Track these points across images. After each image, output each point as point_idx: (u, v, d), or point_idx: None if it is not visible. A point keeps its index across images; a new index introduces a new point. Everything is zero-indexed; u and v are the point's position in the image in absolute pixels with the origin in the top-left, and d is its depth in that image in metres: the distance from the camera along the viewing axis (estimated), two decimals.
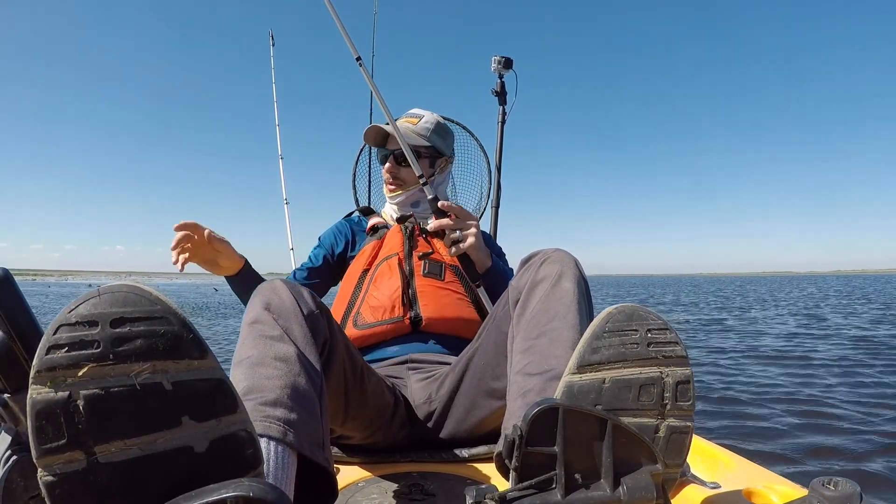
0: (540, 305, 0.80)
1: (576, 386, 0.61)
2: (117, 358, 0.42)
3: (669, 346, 0.62)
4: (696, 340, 6.22)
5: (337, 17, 1.25)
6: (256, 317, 0.76)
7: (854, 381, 3.66)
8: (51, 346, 0.41)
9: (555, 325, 0.77)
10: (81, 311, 0.42)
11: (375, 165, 1.79)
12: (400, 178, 1.34)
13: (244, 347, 0.73)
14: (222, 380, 0.46)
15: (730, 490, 0.83)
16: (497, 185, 1.88)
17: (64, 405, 0.41)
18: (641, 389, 0.60)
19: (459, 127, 1.77)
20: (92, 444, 0.41)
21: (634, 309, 0.63)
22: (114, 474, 0.42)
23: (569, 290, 0.80)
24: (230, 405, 0.46)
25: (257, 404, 0.63)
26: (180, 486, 0.43)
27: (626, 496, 0.58)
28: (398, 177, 1.34)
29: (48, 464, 0.41)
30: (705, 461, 1.00)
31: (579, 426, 0.59)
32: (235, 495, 0.41)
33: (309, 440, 0.64)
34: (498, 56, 1.98)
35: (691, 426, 0.62)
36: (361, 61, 1.27)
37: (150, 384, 0.43)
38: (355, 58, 1.27)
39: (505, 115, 2.00)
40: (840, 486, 0.59)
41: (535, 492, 0.58)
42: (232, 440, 0.46)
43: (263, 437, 0.59)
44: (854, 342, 5.73)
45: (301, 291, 0.82)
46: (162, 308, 0.44)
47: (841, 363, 4.37)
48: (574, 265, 0.84)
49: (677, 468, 0.62)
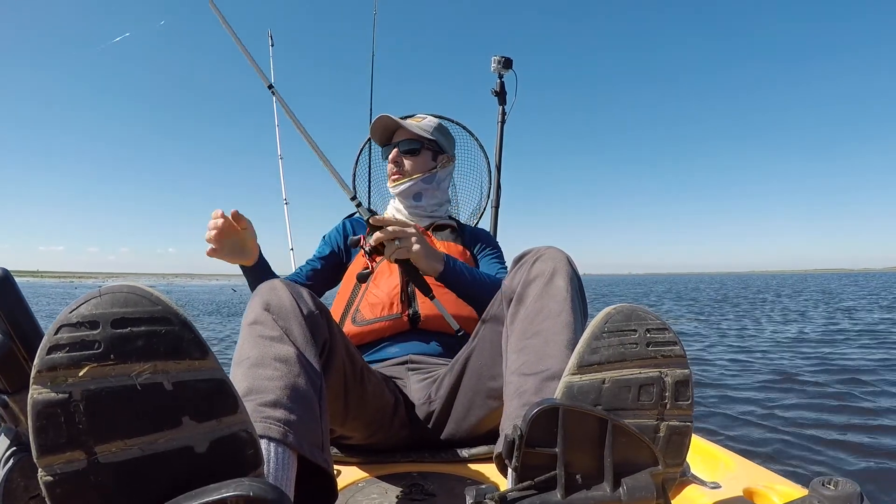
0: (534, 304, 0.80)
1: (576, 386, 0.61)
2: (118, 358, 0.42)
3: (668, 346, 0.62)
4: (695, 340, 6.22)
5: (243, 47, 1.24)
6: (256, 317, 0.76)
7: (854, 381, 3.66)
8: (52, 346, 0.41)
9: (549, 324, 0.77)
10: (83, 311, 0.43)
11: (376, 164, 1.79)
12: (405, 168, 1.38)
13: (244, 348, 0.73)
14: (223, 380, 0.46)
15: (730, 490, 0.83)
16: (497, 184, 1.88)
17: (65, 405, 0.41)
18: (641, 389, 0.60)
19: (459, 127, 1.78)
20: (92, 444, 0.41)
21: (633, 309, 0.63)
22: (114, 474, 0.42)
23: (562, 287, 0.80)
24: (231, 406, 0.46)
25: (257, 405, 0.63)
26: (180, 487, 0.43)
27: (626, 496, 0.58)
28: (402, 166, 1.38)
29: (49, 464, 0.41)
30: (705, 461, 1.00)
31: (579, 426, 0.59)
32: (236, 495, 0.41)
33: (309, 441, 0.64)
34: (498, 56, 1.98)
35: (691, 426, 0.62)
36: (274, 89, 1.26)
37: (151, 384, 0.43)
38: (267, 86, 1.26)
39: (505, 114, 2.01)
40: (840, 485, 0.59)
41: (535, 492, 0.58)
42: (232, 441, 0.46)
43: (263, 437, 0.60)
44: (854, 342, 5.73)
45: (301, 292, 0.82)
46: (163, 308, 0.44)
47: (840, 363, 4.37)
48: (567, 262, 0.84)
49: (677, 468, 0.62)
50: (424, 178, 1.38)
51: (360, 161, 1.80)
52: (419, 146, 1.37)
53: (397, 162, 1.38)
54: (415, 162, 1.37)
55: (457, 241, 1.37)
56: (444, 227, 1.40)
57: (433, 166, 1.40)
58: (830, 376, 3.83)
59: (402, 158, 1.38)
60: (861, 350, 5.13)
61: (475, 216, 1.81)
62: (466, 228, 1.46)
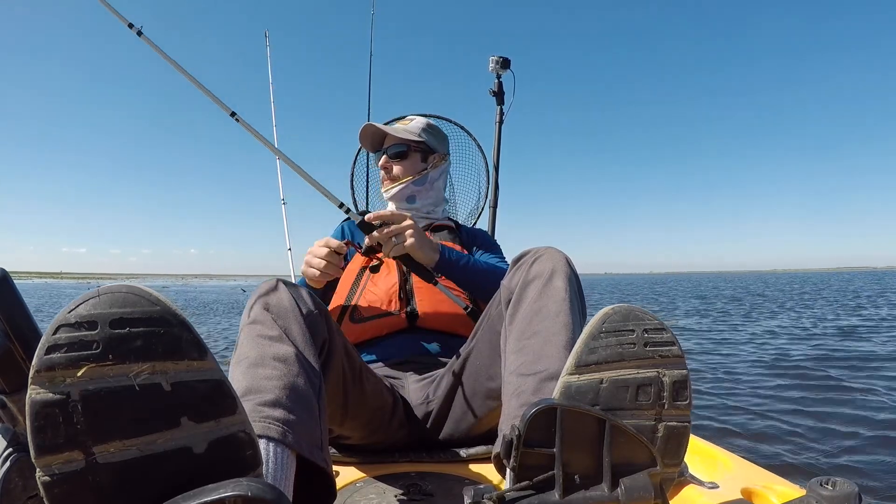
0: (532, 305, 0.81)
1: (573, 386, 0.61)
2: (116, 358, 0.42)
3: (666, 346, 0.62)
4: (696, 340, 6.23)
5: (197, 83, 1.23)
6: (255, 317, 0.76)
7: (853, 380, 3.67)
8: (50, 347, 0.41)
9: (547, 325, 0.77)
10: (81, 311, 0.42)
11: (373, 169, 1.80)
12: (393, 173, 1.40)
13: (243, 347, 0.73)
14: (221, 381, 0.46)
15: (728, 490, 0.83)
16: (495, 184, 1.88)
17: (63, 405, 0.41)
18: (639, 389, 0.60)
19: (457, 127, 1.78)
20: (90, 445, 0.41)
21: (631, 309, 0.63)
22: (112, 474, 0.42)
23: (561, 288, 0.80)
24: (229, 406, 0.46)
25: (256, 405, 0.63)
26: (179, 487, 0.43)
27: (624, 496, 0.58)
28: (391, 172, 1.40)
29: (47, 464, 0.41)
30: (703, 461, 1.00)
31: (577, 426, 0.59)
32: (234, 495, 0.41)
33: (308, 441, 0.64)
34: (496, 56, 1.98)
35: (689, 426, 0.62)
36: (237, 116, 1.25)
37: (149, 385, 0.43)
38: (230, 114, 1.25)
39: (503, 114, 2.00)
40: (838, 485, 0.59)
41: (533, 492, 0.58)
42: (231, 441, 0.46)
43: (262, 437, 0.60)
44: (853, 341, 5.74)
45: (300, 292, 0.82)
46: (161, 309, 0.44)
47: (840, 363, 4.37)
48: (565, 263, 0.84)
49: (675, 468, 0.62)
50: (415, 180, 1.39)
51: (357, 165, 1.80)
52: (406, 149, 1.39)
53: (387, 168, 1.40)
54: (404, 165, 1.39)
55: (455, 241, 1.37)
56: (442, 227, 1.41)
57: (423, 167, 1.41)
58: (830, 376, 3.84)
59: (391, 164, 1.40)
60: (861, 350, 5.14)
61: (473, 216, 1.81)
62: (464, 228, 1.46)
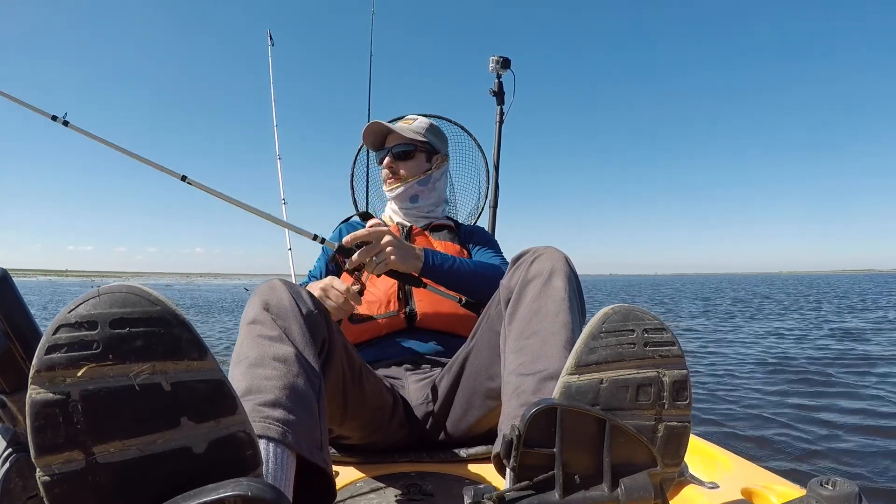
0: (531, 304, 0.80)
1: (573, 386, 0.61)
2: (116, 358, 0.42)
3: (666, 346, 0.62)
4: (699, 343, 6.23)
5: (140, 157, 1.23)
6: (255, 317, 0.76)
7: (852, 380, 3.67)
8: (50, 347, 0.41)
9: (547, 325, 0.77)
10: (81, 311, 0.42)
11: (373, 168, 1.79)
12: (398, 173, 1.38)
13: (243, 347, 0.73)
14: (221, 381, 0.46)
15: (728, 490, 0.83)
16: (495, 184, 1.88)
17: (63, 405, 0.41)
18: (639, 389, 0.60)
19: (457, 127, 1.78)
20: (90, 445, 0.41)
21: (630, 309, 0.63)
22: (112, 474, 0.42)
23: (560, 287, 0.80)
24: (229, 406, 0.46)
25: (256, 405, 0.63)
26: (179, 487, 0.43)
27: (624, 496, 0.58)
28: (396, 172, 1.38)
29: (47, 464, 0.41)
30: (703, 461, 1.00)
31: (577, 426, 0.59)
32: (234, 495, 0.41)
33: (308, 441, 0.64)
34: (496, 56, 1.98)
35: (689, 426, 0.62)
36: (188, 178, 1.23)
37: (149, 385, 0.43)
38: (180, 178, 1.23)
39: (503, 114, 2.00)
40: (838, 485, 0.59)
41: (533, 492, 0.58)
42: (231, 441, 0.46)
43: (262, 438, 0.60)
44: (855, 343, 5.74)
45: (300, 292, 0.82)
46: (161, 309, 0.44)
47: (841, 364, 4.37)
48: (565, 262, 0.84)
49: (675, 468, 0.62)
50: (419, 180, 1.38)
51: (357, 165, 1.80)
52: (412, 149, 1.38)
53: (391, 167, 1.38)
54: (409, 165, 1.38)
55: (454, 240, 1.37)
56: (442, 227, 1.41)
57: (428, 168, 1.40)
58: (830, 376, 3.84)
59: (396, 163, 1.38)
60: (861, 350, 5.14)
61: (473, 216, 1.81)
62: (464, 227, 1.46)
